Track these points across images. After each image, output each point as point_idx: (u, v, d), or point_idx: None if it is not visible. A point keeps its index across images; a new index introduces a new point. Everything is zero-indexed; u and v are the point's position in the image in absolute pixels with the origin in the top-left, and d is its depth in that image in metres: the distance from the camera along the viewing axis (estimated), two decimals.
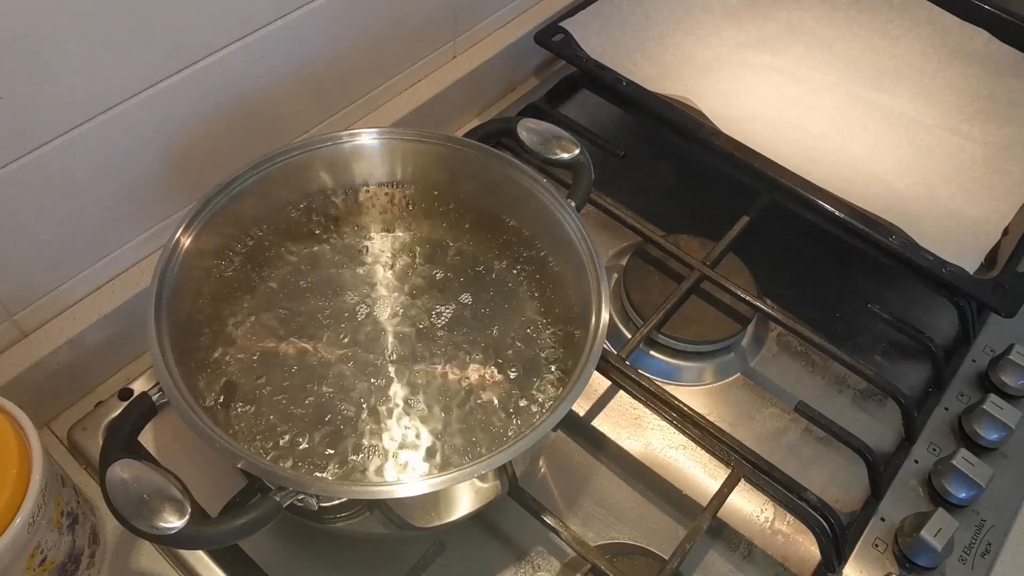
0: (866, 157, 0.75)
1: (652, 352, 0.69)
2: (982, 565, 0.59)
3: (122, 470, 0.41)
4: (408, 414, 0.52)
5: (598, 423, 0.65)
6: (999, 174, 0.74)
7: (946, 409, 0.67)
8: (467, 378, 0.54)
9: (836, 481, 0.63)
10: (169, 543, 0.43)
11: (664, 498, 0.61)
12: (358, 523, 0.51)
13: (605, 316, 0.51)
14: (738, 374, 0.69)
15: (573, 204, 0.57)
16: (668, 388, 0.62)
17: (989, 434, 0.64)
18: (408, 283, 0.58)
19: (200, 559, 0.54)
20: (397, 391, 0.53)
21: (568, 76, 0.86)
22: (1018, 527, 0.61)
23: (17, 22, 0.45)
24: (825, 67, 0.83)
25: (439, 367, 0.54)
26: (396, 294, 0.58)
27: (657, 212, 0.77)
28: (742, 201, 0.74)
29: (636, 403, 0.63)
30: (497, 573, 0.57)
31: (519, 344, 0.55)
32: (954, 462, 0.60)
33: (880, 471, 0.62)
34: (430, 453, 0.50)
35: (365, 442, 0.51)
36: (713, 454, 0.60)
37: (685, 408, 0.60)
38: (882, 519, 0.61)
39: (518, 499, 0.55)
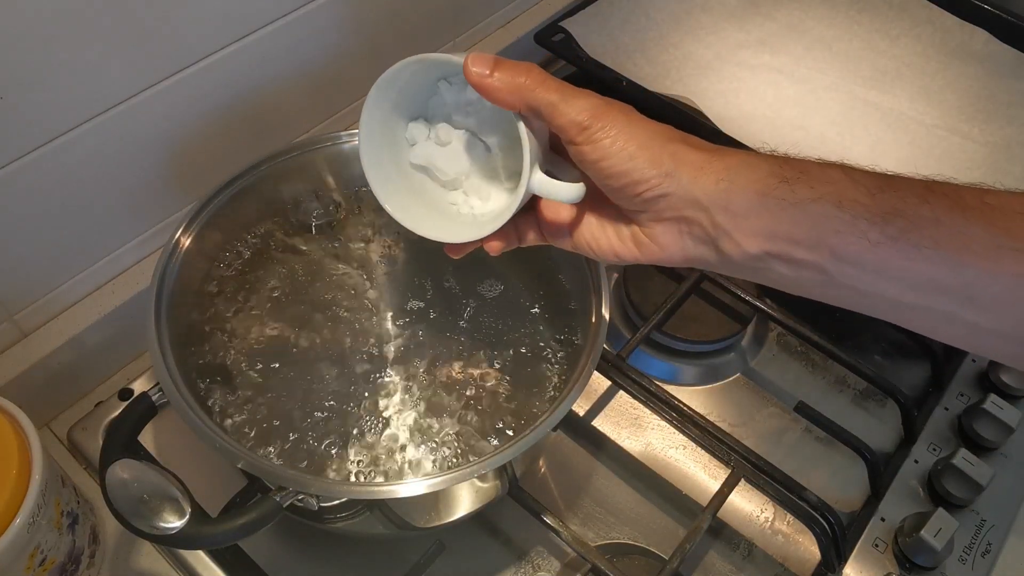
0: (866, 157, 0.75)
1: (652, 352, 0.69)
2: (982, 565, 0.59)
3: (122, 470, 0.41)
4: (408, 414, 0.52)
5: (598, 423, 0.65)
6: (999, 174, 0.74)
7: (946, 409, 0.67)
8: (467, 378, 0.54)
9: (836, 481, 0.63)
10: (169, 543, 0.43)
11: (664, 498, 0.61)
12: (358, 523, 0.51)
13: (605, 316, 0.51)
14: (738, 374, 0.69)
15: None
16: (668, 388, 0.62)
17: (989, 434, 0.64)
18: (407, 283, 0.58)
19: (200, 559, 0.54)
20: (397, 391, 0.53)
21: (568, 76, 0.86)
22: (1018, 527, 0.61)
23: (17, 22, 0.45)
24: (825, 67, 0.83)
25: (439, 367, 0.54)
26: (396, 294, 0.58)
27: None
28: None
29: (636, 403, 0.63)
30: (497, 573, 0.57)
31: (519, 344, 0.55)
32: (954, 462, 0.60)
33: (880, 471, 0.62)
34: (430, 453, 0.50)
35: (365, 442, 0.50)
36: (713, 454, 0.60)
37: (685, 408, 0.60)
38: (882, 519, 0.60)
39: (518, 499, 0.55)
